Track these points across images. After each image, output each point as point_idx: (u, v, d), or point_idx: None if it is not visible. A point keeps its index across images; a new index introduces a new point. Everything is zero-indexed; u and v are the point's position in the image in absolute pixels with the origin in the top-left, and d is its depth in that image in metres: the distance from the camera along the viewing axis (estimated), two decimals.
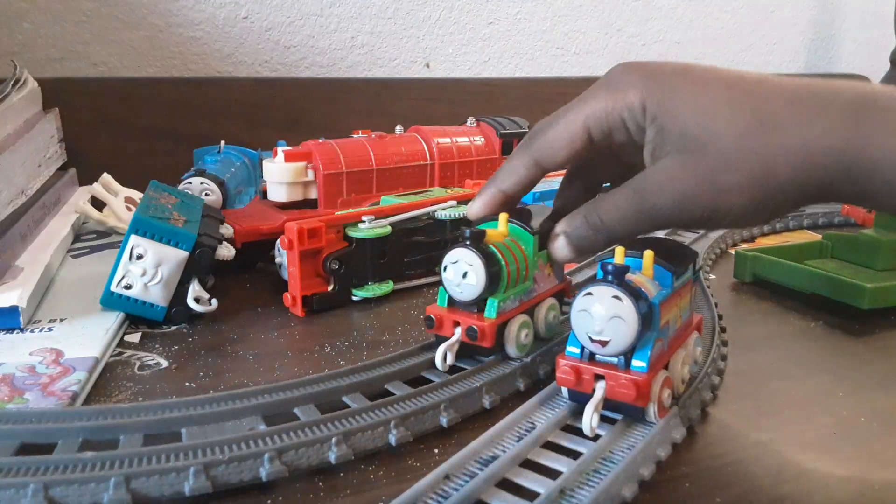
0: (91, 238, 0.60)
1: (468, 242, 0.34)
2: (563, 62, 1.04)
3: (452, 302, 0.35)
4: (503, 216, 0.36)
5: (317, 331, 0.44)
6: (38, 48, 0.76)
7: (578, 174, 0.38)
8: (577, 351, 0.30)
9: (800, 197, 0.29)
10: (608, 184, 0.38)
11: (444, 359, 0.34)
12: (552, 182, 0.64)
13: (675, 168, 0.29)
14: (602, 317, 0.28)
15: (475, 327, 0.34)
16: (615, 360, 0.29)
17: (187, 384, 0.36)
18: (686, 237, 0.63)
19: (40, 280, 0.45)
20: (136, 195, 0.63)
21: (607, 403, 0.29)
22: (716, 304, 0.44)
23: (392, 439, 0.29)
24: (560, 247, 0.33)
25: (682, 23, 1.13)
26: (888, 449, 0.31)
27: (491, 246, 0.34)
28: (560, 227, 0.34)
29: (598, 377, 0.29)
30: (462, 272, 0.34)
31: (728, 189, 0.28)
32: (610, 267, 0.28)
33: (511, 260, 0.35)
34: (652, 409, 0.29)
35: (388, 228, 0.48)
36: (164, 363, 0.39)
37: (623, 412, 0.30)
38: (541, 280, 0.38)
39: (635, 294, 0.28)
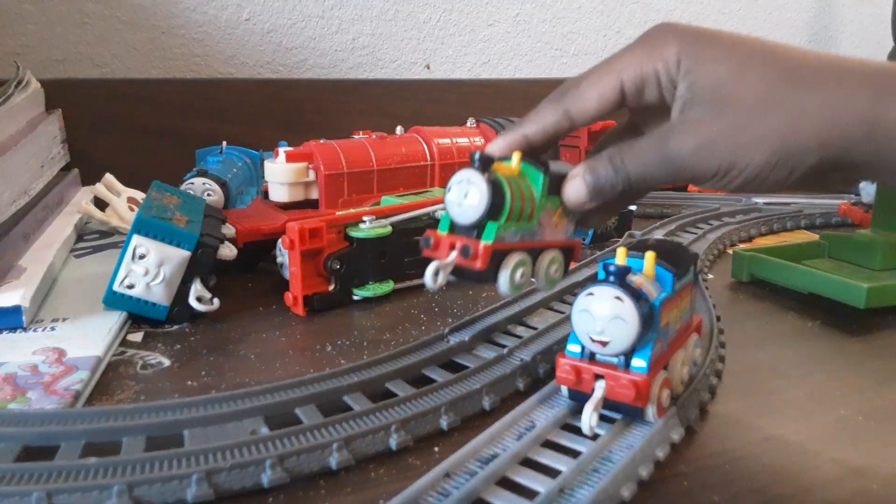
0: (94, 238, 0.60)
1: (476, 164, 0.32)
2: (562, 63, 1.05)
3: (453, 228, 0.34)
4: (517, 154, 0.34)
5: (318, 330, 0.44)
6: (40, 49, 0.77)
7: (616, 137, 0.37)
8: (578, 350, 0.30)
9: (820, 160, 0.29)
10: None
11: (436, 274, 0.32)
12: None
13: (701, 117, 0.30)
14: (603, 317, 0.28)
15: (469, 246, 0.32)
16: (615, 360, 0.29)
17: (189, 383, 0.36)
18: (685, 238, 0.63)
19: (43, 280, 0.46)
20: (139, 195, 0.63)
21: (607, 403, 0.29)
22: (714, 305, 0.44)
23: (392, 444, 0.30)
24: (576, 186, 0.33)
25: None
26: (886, 447, 0.31)
27: (498, 174, 0.33)
28: (579, 168, 0.33)
29: (598, 377, 0.29)
30: (464, 192, 0.32)
31: (750, 142, 0.29)
32: (612, 267, 0.28)
33: (517, 193, 0.33)
34: (651, 410, 0.29)
35: (389, 228, 0.48)
36: (167, 362, 0.39)
37: (622, 412, 0.30)
38: (547, 226, 0.36)
39: (637, 295, 0.28)
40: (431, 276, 0.32)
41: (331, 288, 0.47)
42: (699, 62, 0.30)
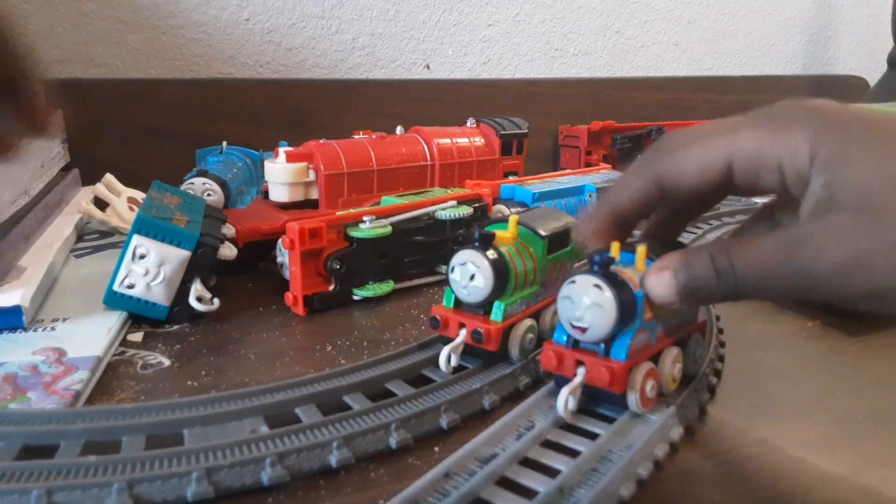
0: (94, 238, 0.60)
1: (477, 244, 0.33)
2: (561, 63, 1.05)
3: (458, 303, 0.35)
4: (513, 218, 0.36)
5: (318, 330, 0.44)
6: (40, 50, 0.76)
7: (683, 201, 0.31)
8: (563, 338, 0.31)
9: None
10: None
11: (449, 361, 0.34)
12: (553, 182, 0.65)
13: (846, 227, 0.24)
14: (582, 304, 0.29)
15: (481, 331, 0.34)
16: (597, 347, 0.30)
17: (189, 383, 0.36)
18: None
19: (43, 280, 0.46)
20: (139, 195, 0.63)
21: (589, 391, 0.30)
22: (706, 319, 0.44)
23: (392, 442, 0.30)
24: (663, 284, 0.27)
25: (680, 24, 1.13)
26: (886, 447, 0.31)
27: (500, 248, 0.34)
28: (671, 260, 0.28)
29: (580, 363, 0.30)
30: (469, 274, 0.33)
31: None
32: (596, 258, 0.29)
33: (520, 263, 0.35)
34: (633, 398, 0.30)
35: (389, 228, 0.48)
36: (167, 362, 0.39)
37: (605, 400, 0.31)
38: (549, 284, 0.38)
39: (616, 284, 0.28)
40: (445, 363, 0.34)
41: (331, 288, 0.47)
42: (841, 157, 0.24)
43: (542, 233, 0.36)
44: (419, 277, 0.52)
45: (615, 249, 0.30)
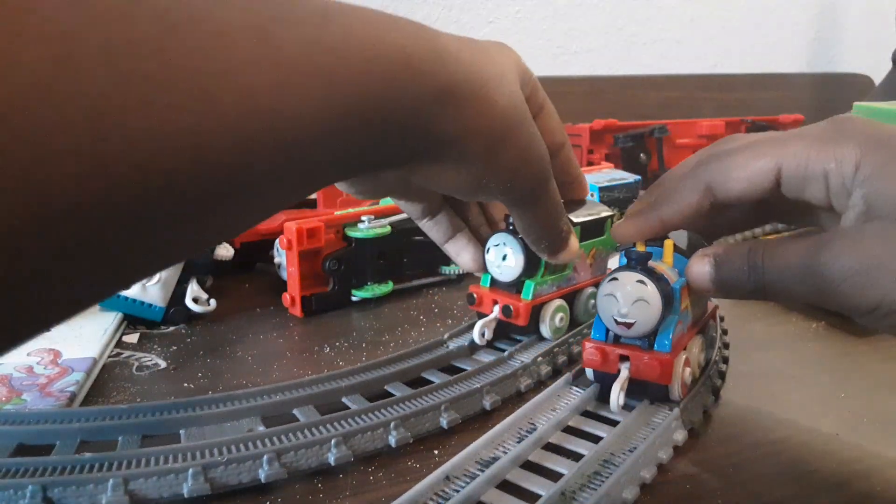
0: None
1: (511, 227, 0.35)
2: (563, 61, 1.04)
3: (494, 282, 0.38)
4: None
5: (316, 331, 0.44)
6: None
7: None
8: (602, 335, 0.31)
9: None
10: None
11: (483, 334, 0.37)
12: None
13: (869, 233, 0.24)
14: (627, 300, 0.29)
15: (511, 306, 0.36)
16: (638, 342, 0.30)
17: (186, 385, 0.36)
18: None
19: None
20: None
21: (632, 385, 0.30)
22: (717, 305, 0.44)
23: (392, 441, 0.29)
24: (704, 271, 0.28)
25: (682, 22, 1.12)
26: (891, 450, 0.31)
27: None
28: (714, 249, 0.28)
29: (623, 358, 0.30)
30: (502, 254, 0.36)
31: None
32: (633, 254, 0.30)
33: None
34: (676, 387, 0.30)
35: (388, 228, 0.47)
36: (163, 364, 0.38)
37: (648, 392, 0.31)
38: (582, 270, 0.40)
39: (658, 278, 0.29)
40: (479, 335, 0.37)
41: (329, 289, 0.46)
42: (884, 171, 0.24)
43: (575, 220, 0.38)
44: (418, 278, 0.51)
45: (641, 244, 0.30)
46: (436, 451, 0.30)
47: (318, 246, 0.45)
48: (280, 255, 0.48)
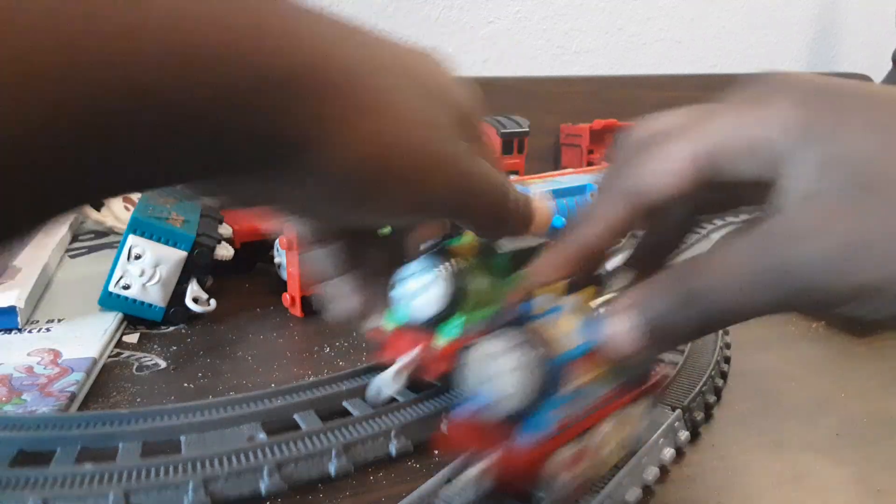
0: (89, 238, 0.60)
1: (432, 254, 0.29)
2: (563, 61, 1.04)
3: (406, 321, 0.29)
4: (470, 233, 0.29)
5: (316, 331, 0.44)
6: None
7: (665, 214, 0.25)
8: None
9: None
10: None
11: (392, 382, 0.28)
12: (554, 182, 0.64)
13: (839, 210, 0.18)
14: (476, 377, 0.22)
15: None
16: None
17: (186, 385, 0.36)
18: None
19: (38, 280, 0.45)
20: (134, 195, 0.62)
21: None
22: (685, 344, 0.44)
23: (392, 450, 0.29)
24: (618, 330, 0.20)
25: (683, 21, 1.12)
26: (891, 450, 0.31)
27: (456, 262, 0.29)
28: (630, 297, 0.21)
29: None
30: (421, 287, 0.28)
31: None
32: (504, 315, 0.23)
33: (478, 279, 0.29)
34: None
35: (388, 228, 0.47)
36: (163, 364, 0.38)
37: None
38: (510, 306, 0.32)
39: (533, 346, 0.22)
40: (390, 385, 0.27)
41: None
42: (834, 128, 0.19)
43: (501, 250, 0.30)
44: None
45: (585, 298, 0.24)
46: (436, 451, 0.30)
47: None
48: (280, 255, 0.48)
